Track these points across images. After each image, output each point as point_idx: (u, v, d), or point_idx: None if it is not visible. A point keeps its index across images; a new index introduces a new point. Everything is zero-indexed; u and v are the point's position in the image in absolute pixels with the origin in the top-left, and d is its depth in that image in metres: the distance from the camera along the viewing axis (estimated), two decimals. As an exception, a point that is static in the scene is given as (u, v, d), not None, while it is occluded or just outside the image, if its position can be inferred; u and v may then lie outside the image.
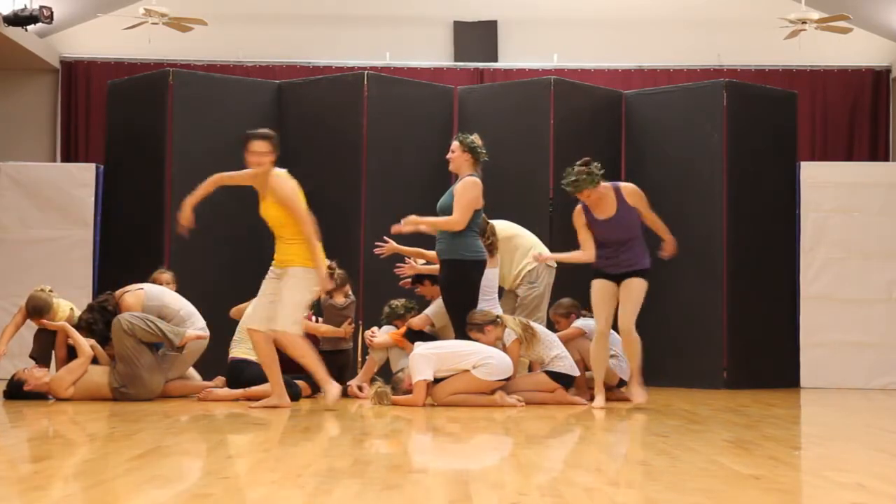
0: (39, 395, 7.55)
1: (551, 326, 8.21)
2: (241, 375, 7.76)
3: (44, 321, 7.87)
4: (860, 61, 13.03)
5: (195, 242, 9.63)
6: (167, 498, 3.40)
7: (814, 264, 10.16)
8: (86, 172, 10.35)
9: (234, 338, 7.95)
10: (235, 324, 8.05)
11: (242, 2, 13.27)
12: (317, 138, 9.92)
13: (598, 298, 7.33)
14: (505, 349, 7.46)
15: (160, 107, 9.71)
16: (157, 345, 7.69)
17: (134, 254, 9.71)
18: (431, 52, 13.23)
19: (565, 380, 7.56)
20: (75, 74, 13.10)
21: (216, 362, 8.18)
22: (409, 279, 8.32)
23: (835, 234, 10.17)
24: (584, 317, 8.24)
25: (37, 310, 7.85)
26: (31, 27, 11.69)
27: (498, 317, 7.50)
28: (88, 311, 7.85)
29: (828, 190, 10.22)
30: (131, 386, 7.49)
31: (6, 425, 6.06)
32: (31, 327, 8.16)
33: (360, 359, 8.84)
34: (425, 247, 8.15)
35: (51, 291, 7.98)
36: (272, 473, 3.91)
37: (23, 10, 11.16)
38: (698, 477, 3.97)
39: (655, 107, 10.35)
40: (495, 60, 13.14)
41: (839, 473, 4.12)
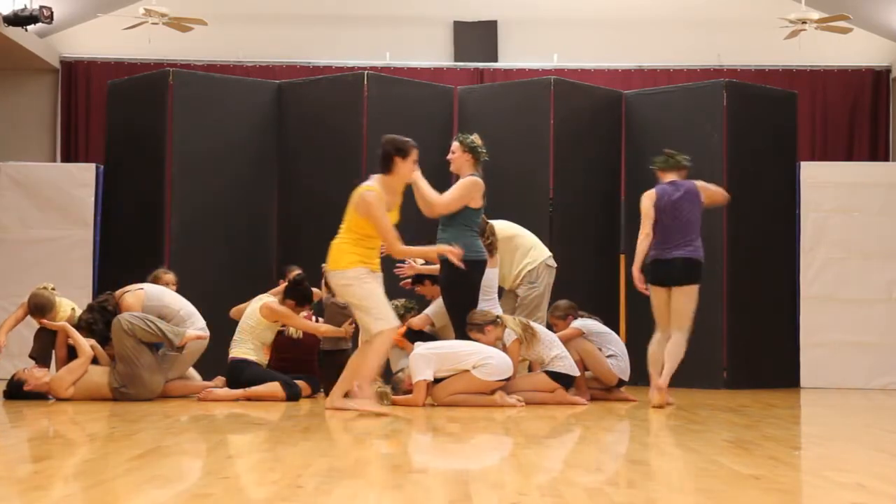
0: (39, 395, 7.55)
1: (550, 328, 8.21)
2: (241, 375, 7.76)
3: (44, 321, 7.87)
4: (860, 61, 13.04)
5: (195, 242, 9.67)
6: (167, 498, 3.40)
7: (814, 264, 10.16)
8: (86, 172, 10.35)
9: (234, 338, 7.95)
10: (235, 324, 8.05)
11: (242, 2, 13.27)
12: (317, 138, 9.92)
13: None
14: (505, 349, 7.45)
15: (160, 107, 9.71)
16: (157, 345, 7.69)
17: (134, 254, 9.70)
18: (431, 52, 13.23)
19: (565, 380, 7.56)
20: (75, 74, 13.11)
21: (216, 362, 8.18)
22: (409, 279, 8.31)
23: (835, 234, 10.16)
24: (581, 317, 8.24)
25: (39, 308, 7.85)
26: (31, 27, 11.69)
27: (498, 317, 7.50)
28: (88, 311, 7.85)
29: (828, 190, 10.22)
30: (131, 386, 7.49)
31: (6, 425, 6.06)
32: (32, 327, 8.16)
33: (360, 359, 8.83)
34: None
35: (53, 290, 7.98)
36: (272, 473, 3.91)
37: (23, 10, 11.16)
38: (698, 477, 3.97)
39: (655, 107, 10.35)
40: (495, 60, 13.14)
41: (839, 473, 4.12)
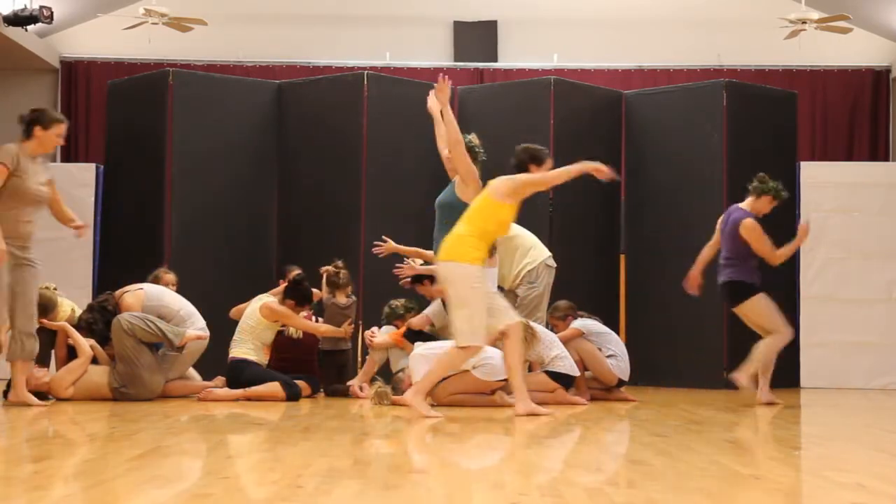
0: (39, 395, 7.55)
1: (550, 328, 8.20)
2: (241, 375, 7.76)
3: (44, 321, 7.87)
4: (860, 61, 13.04)
5: (195, 242, 9.67)
6: (167, 498, 3.40)
7: (814, 264, 10.17)
8: (86, 172, 10.35)
9: (234, 338, 7.95)
10: (235, 324, 8.05)
11: (242, 2, 13.27)
12: (317, 138, 9.92)
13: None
14: (505, 349, 7.44)
15: (160, 107, 9.71)
16: (157, 345, 7.69)
17: (134, 254, 9.71)
18: (431, 52, 13.24)
19: (565, 380, 7.56)
20: (75, 74, 13.11)
21: (216, 362, 8.18)
22: (409, 279, 8.31)
23: (835, 234, 10.17)
24: (581, 318, 8.24)
25: (41, 307, 7.83)
26: (31, 27, 11.70)
27: (498, 317, 7.49)
28: (88, 311, 7.85)
29: (828, 190, 10.22)
30: (131, 386, 7.49)
31: (6, 425, 6.06)
32: (31, 327, 8.16)
33: (360, 359, 8.84)
34: (425, 247, 8.15)
35: (55, 290, 7.98)
36: (272, 473, 3.91)
37: (23, 10, 11.16)
38: (698, 477, 3.96)
39: (655, 107, 10.35)
40: (495, 60, 13.14)
41: (839, 473, 4.11)
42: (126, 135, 10.13)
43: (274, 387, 7.63)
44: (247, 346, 7.85)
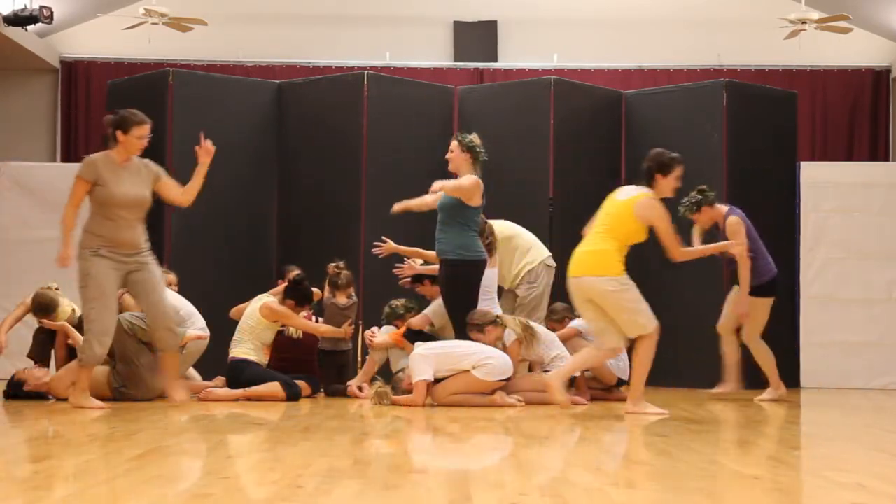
0: (39, 395, 7.55)
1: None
2: (241, 375, 7.76)
3: (45, 321, 7.87)
4: (860, 61, 13.03)
5: (195, 242, 9.66)
6: (167, 498, 3.40)
7: (814, 264, 10.17)
8: (86, 172, 10.33)
9: (234, 338, 7.95)
10: (235, 324, 8.05)
11: (242, 2, 13.27)
12: (317, 138, 9.92)
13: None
14: (505, 349, 7.45)
15: (160, 107, 9.70)
16: (157, 345, 7.69)
17: (134, 254, 9.69)
18: (431, 52, 13.23)
19: (565, 380, 7.56)
20: (75, 74, 13.10)
21: (216, 362, 8.18)
22: (409, 279, 8.32)
23: (835, 234, 10.17)
24: (579, 317, 8.24)
25: (43, 307, 7.85)
26: (31, 27, 11.69)
27: (498, 317, 7.50)
28: (88, 311, 7.84)
29: (828, 190, 10.22)
30: (131, 386, 7.49)
31: (6, 425, 6.06)
32: (32, 326, 8.16)
33: (360, 359, 8.84)
34: (425, 247, 8.15)
35: (57, 290, 7.98)
36: (272, 473, 3.91)
37: (23, 10, 11.16)
38: (698, 477, 3.97)
39: (655, 107, 10.34)
40: (495, 60, 13.14)
41: (839, 473, 4.11)
42: (126, 135, 10.11)
43: (274, 387, 7.63)
44: (247, 346, 7.85)
